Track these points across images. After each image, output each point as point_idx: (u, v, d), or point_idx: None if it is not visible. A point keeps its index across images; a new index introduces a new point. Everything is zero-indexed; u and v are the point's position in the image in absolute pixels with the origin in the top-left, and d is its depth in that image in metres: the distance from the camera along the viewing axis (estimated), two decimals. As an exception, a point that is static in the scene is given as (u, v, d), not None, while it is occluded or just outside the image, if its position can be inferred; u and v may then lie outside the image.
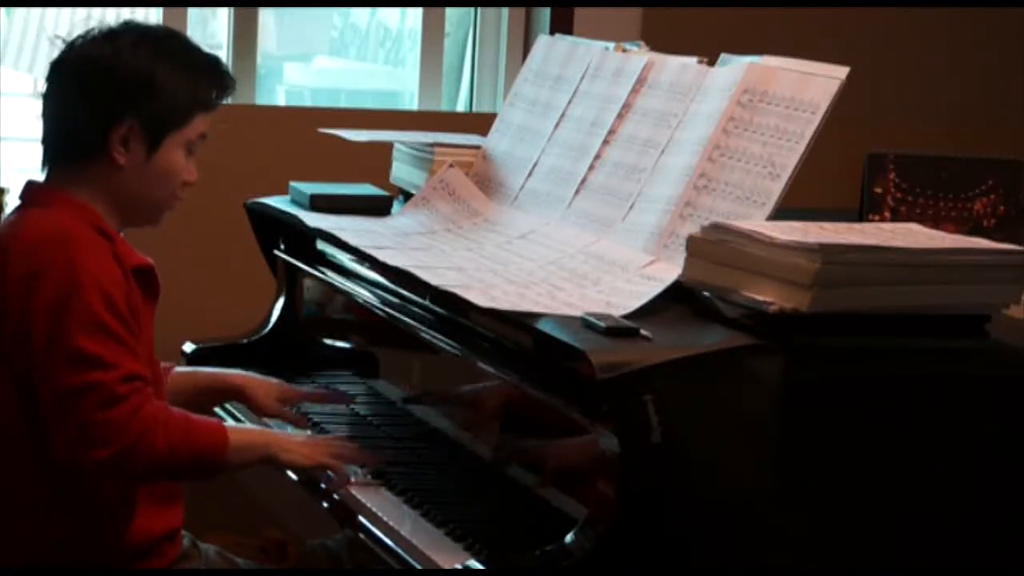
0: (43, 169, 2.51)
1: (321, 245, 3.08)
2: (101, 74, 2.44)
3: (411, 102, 4.33)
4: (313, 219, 3.00)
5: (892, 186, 3.53)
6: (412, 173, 3.18)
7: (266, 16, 4.20)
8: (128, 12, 3.83)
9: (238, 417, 2.88)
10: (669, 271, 2.44)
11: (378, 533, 2.42)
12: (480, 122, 3.37)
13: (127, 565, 2.48)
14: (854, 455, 2.24)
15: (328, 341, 3.21)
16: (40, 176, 2.52)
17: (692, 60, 2.77)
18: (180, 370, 2.79)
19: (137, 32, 2.48)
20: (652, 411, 2.13)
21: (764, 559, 2.20)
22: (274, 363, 3.14)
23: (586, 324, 2.27)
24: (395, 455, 2.66)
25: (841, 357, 2.25)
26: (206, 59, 2.52)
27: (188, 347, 3.20)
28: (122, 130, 2.43)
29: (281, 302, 3.26)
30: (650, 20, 4.22)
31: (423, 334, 2.64)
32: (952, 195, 3.54)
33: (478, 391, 2.59)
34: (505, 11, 4.29)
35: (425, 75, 4.28)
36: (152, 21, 3.65)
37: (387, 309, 2.78)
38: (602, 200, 2.74)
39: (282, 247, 3.23)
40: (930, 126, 4.47)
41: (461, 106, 4.38)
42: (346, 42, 4.57)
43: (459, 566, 2.22)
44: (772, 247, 2.22)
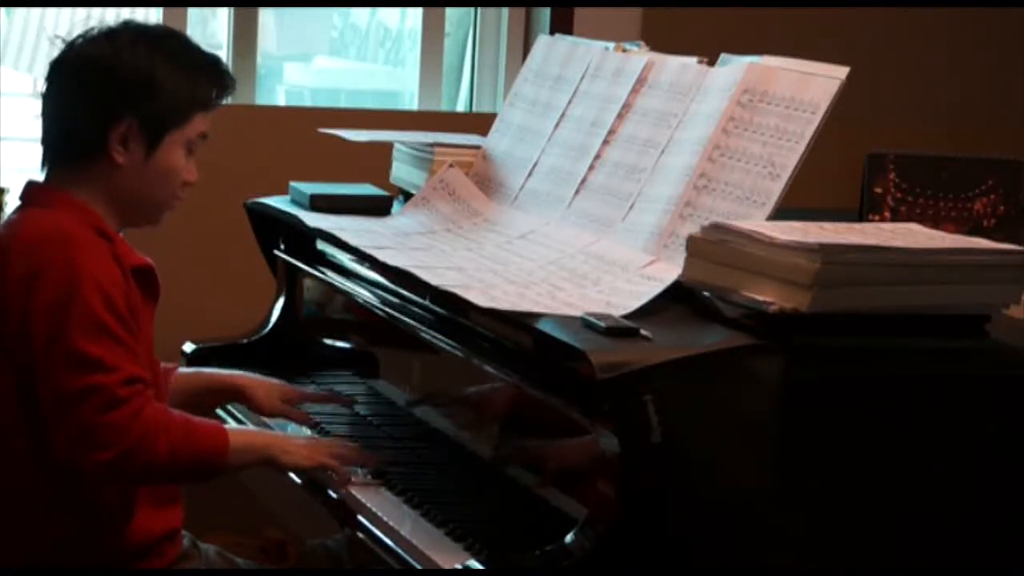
0: (43, 169, 2.51)
1: (321, 245, 3.08)
2: (100, 74, 2.44)
3: (411, 102, 4.32)
4: (313, 219, 3.00)
5: (892, 186, 3.52)
6: (412, 173, 3.18)
7: (266, 16, 4.20)
8: (128, 12, 3.83)
9: (240, 418, 2.88)
10: (669, 271, 2.44)
11: (378, 533, 2.42)
12: (480, 122, 3.37)
13: (127, 565, 2.48)
14: (854, 455, 2.24)
15: (328, 341, 3.20)
16: (40, 176, 2.52)
17: (692, 60, 2.77)
18: (183, 371, 2.79)
19: (137, 31, 2.48)
20: (652, 411, 2.13)
21: (764, 559, 2.20)
22: (274, 363, 3.14)
23: (586, 324, 2.27)
24: (395, 455, 2.66)
25: (841, 357, 2.25)
26: (206, 58, 2.52)
27: (188, 347, 3.20)
28: (121, 129, 2.43)
29: (281, 302, 3.26)
30: (650, 20, 4.22)
31: (423, 334, 2.64)
32: (952, 195, 3.54)
33: (478, 391, 2.59)
34: (505, 11, 4.29)
35: (425, 75, 4.28)
36: (152, 21, 3.65)
37: (387, 309, 2.78)
38: (602, 200, 2.74)
39: (282, 247, 3.23)
40: (930, 126, 4.47)
41: (461, 106, 4.38)
42: (346, 42, 4.57)
43: (459, 566, 2.21)
44: (772, 247, 2.22)
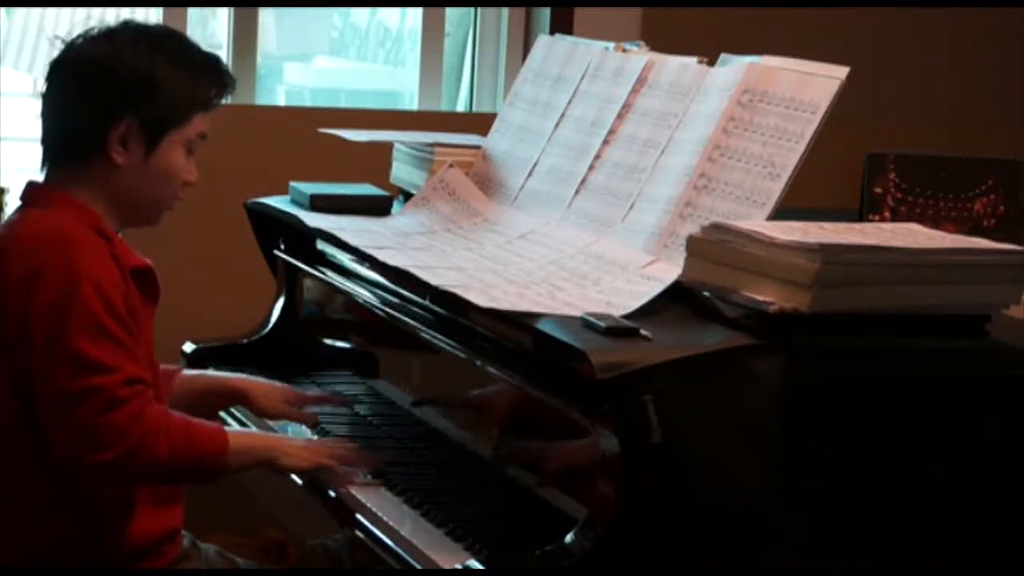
0: (42, 169, 2.51)
1: (321, 245, 3.08)
2: (100, 73, 2.44)
3: (411, 102, 4.32)
4: (313, 219, 3.00)
5: (892, 186, 3.52)
6: (412, 173, 3.18)
7: (266, 16, 4.20)
8: (128, 12, 3.83)
9: (243, 420, 2.88)
10: (669, 271, 2.44)
11: (378, 533, 2.42)
12: (480, 122, 3.37)
13: (127, 565, 2.48)
14: (854, 455, 2.24)
15: (328, 341, 3.20)
16: (40, 176, 2.52)
17: (692, 60, 2.77)
18: (186, 373, 2.79)
19: (136, 31, 2.48)
20: (652, 411, 2.13)
21: (764, 559, 2.20)
22: (274, 363, 3.14)
23: (586, 324, 2.27)
24: (395, 455, 2.66)
25: (841, 357, 2.25)
26: (205, 58, 2.51)
27: (188, 347, 3.20)
28: (120, 129, 2.43)
29: (281, 302, 3.26)
30: (650, 20, 4.22)
31: (423, 334, 2.64)
32: (952, 195, 3.54)
33: (478, 391, 2.59)
34: (505, 11, 4.29)
35: (425, 75, 4.28)
36: (152, 21, 3.64)
37: (387, 309, 2.78)
38: (602, 200, 2.74)
39: (282, 247, 3.23)
40: (930, 126, 4.47)
41: (461, 106, 4.38)
42: (346, 42, 4.57)
43: (459, 566, 2.21)
44: (772, 247, 2.22)
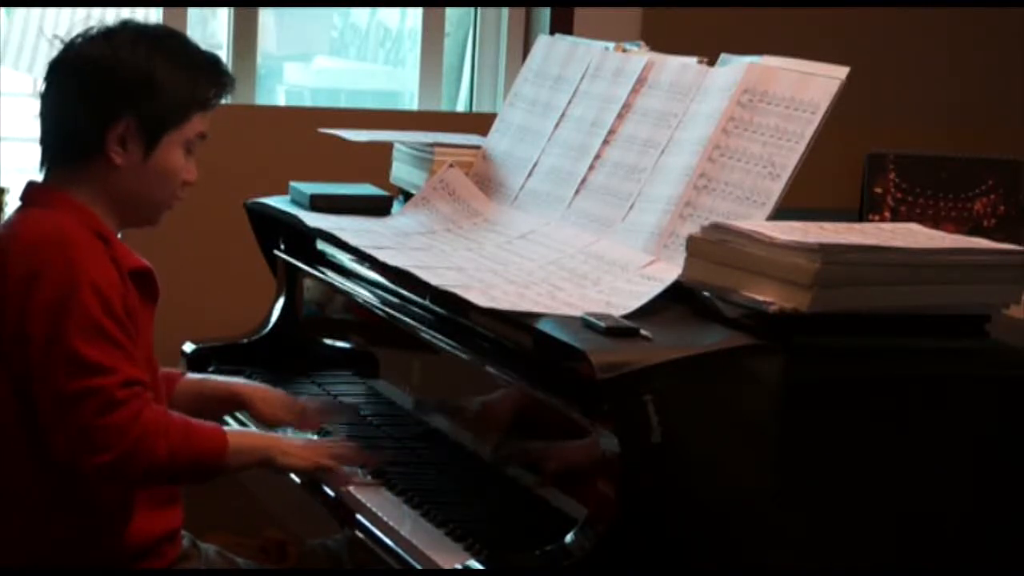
0: (42, 169, 2.51)
1: (321, 245, 3.08)
2: (99, 73, 2.43)
3: (411, 102, 4.32)
4: (313, 219, 2.99)
5: (892, 186, 3.53)
6: (412, 173, 3.17)
7: (266, 16, 4.20)
8: (128, 12, 3.83)
9: (243, 421, 2.87)
10: (669, 271, 2.44)
11: (378, 533, 2.42)
12: (480, 122, 3.37)
13: (127, 566, 2.48)
14: (854, 455, 2.24)
15: (328, 341, 3.20)
16: (39, 176, 2.52)
17: (692, 60, 2.77)
18: (189, 377, 2.78)
19: (136, 31, 2.48)
20: (652, 411, 2.13)
21: (764, 559, 2.20)
22: (274, 363, 3.14)
23: (586, 324, 2.27)
24: (395, 455, 2.66)
25: (841, 357, 2.25)
26: (205, 58, 2.51)
27: (188, 347, 3.20)
28: (119, 130, 2.43)
29: (281, 302, 3.26)
30: (650, 20, 4.22)
31: (423, 334, 2.64)
32: (952, 195, 3.54)
33: (478, 391, 2.59)
34: (505, 11, 4.29)
35: (425, 75, 4.27)
36: (152, 21, 3.64)
37: (387, 309, 2.78)
38: (602, 200, 2.74)
39: (282, 247, 3.23)
40: (930, 126, 4.47)
41: (461, 106, 4.38)
42: (346, 42, 4.57)
43: (459, 566, 2.21)
44: (772, 247, 2.22)
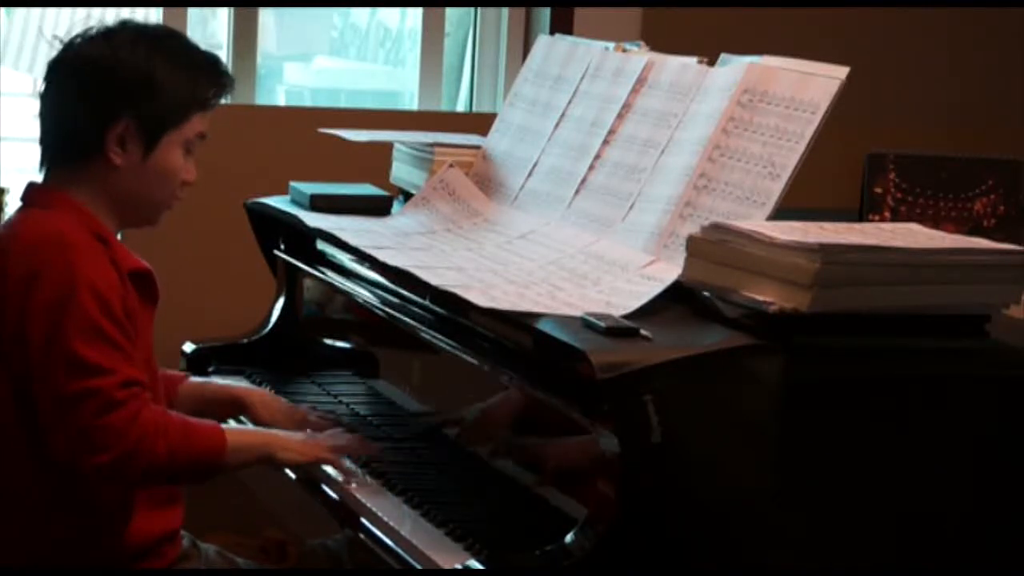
0: (41, 169, 2.51)
1: (321, 245, 3.08)
2: (98, 73, 2.43)
3: (411, 102, 4.32)
4: (313, 219, 2.99)
5: (892, 186, 3.53)
6: (412, 173, 3.17)
7: (266, 16, 4.20)
8: (128, 12, 3.83)
9: (242, 420, 2.87)
10: (669, 271, 2.44)
11: (378, 533, 2.42)
12: (480, 122, 3.37)
13: (127, 566, 2.48)
14: (854, 455, 2.24)
15: (328, 341, 3.20)
16: (38, 176, 2.52)
17: (692, 60, 2.77)
18: (192, 381, 2.79)
19: (135, 31, 2.48)
20: (652, 411, 2.13)
21: (764, 559, 2.20)
22: (274, 363, 3.14)
23: (586, 324, 2.27)
24: (395, 455, 2.66)
25: (841, 357, 2.25)
26: (204, 58, 2.51)
27: (188, 347, 3.20)
28: (118, 130, 2.43)
29: (281, 302, 3.26)
30: (650, 20, 4.22)
31: (423, 334, 2.64)
32: (952, 195, 3.54)
33: (478, 391, 2.59)
34: (505, 11, 4.29)
35: (425, 75, 4.27)
36: (152, 21, 3.64)
37: (387, 309, 2.78)
38: (602, 200, 2.74)
39: (282, 247, 3.23)
40: (930, 126, 4.47)
41: (461, 106, 4.38)
42: (346, 42, 4.57)
43: (459, 566, 2.21)
44: (772, 247, 2.22)
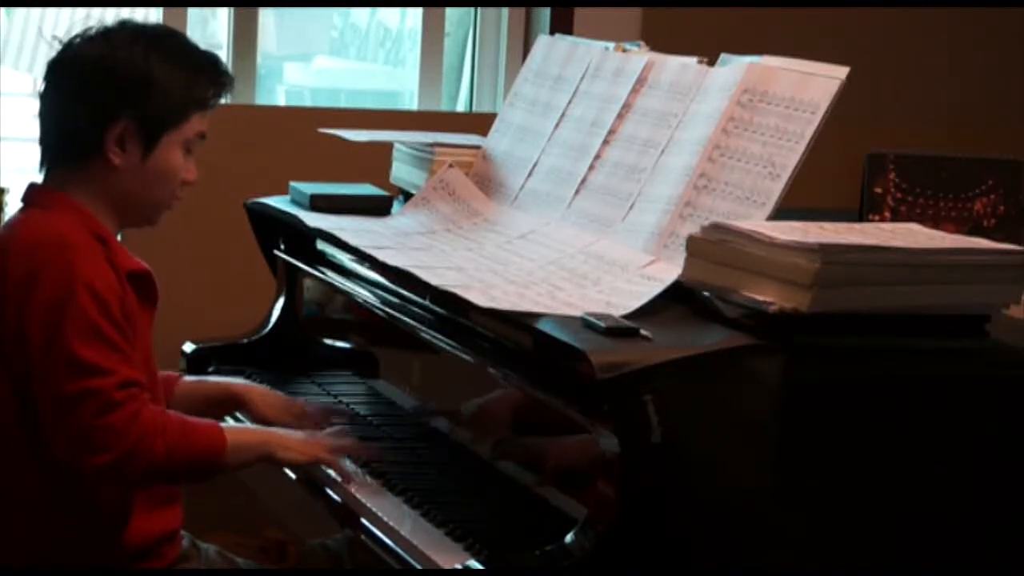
0: (41, 169, 2.51)
1: (321, 245, 3.08)
2: (97, 74, 2.43)
3: (411, 102, 4.32)
4: (313, 219, 2.99)
5: (892, 186, 3.53)
6: (412, 173, 3.17)
7: (266, 16, 4.20)
8: (128, 12, 3.83)
9: (241, 419, 2.87)
10: (669, 271, 2.44)
11: (378, 533, 2.42)
12: (480, 122, 3.37)
13: (126, 566, 2.48)
14: (854, 455, 2.24)
15: (328, 341, 3.20)
16: (38, 176, 2.52)
17: (692, 60, 2.77)
18: (186, 380, 2.78)
19: (134, 31, 2.47)
20: (652, 411, 2.13)
21: (764, 559, 2.20)
22: (274, 363, 3.14)
23: (586, 324, 2.27)
24: (395, 455, 2.66)
25: (841, 357, 2.25)
26: (204, 57, 2.51)
27: (188, 347, 3.20)
28: (117, 130, 2.43)
29: (281, 302, 3.26)
30: (650, 20, 4.22)
31: (423, 334, 2.64)
32: (952, 195, 3.54)
33: (478, 391, 2.59)
34: (505, 11, 4.29)
35: (425, 75, 4.27)
36: (152, 21, 3.64)
37: (387, 309, 2.78)
38: (602, 200, 2.74)
39: (282, 247, 3.23)
40: (930, 126, 4.47)
41: (461, 106, 4.38)
42: (346, 42, 4.57)
43: (459, 566, 2.21)
44: (772, 247, 2.22)
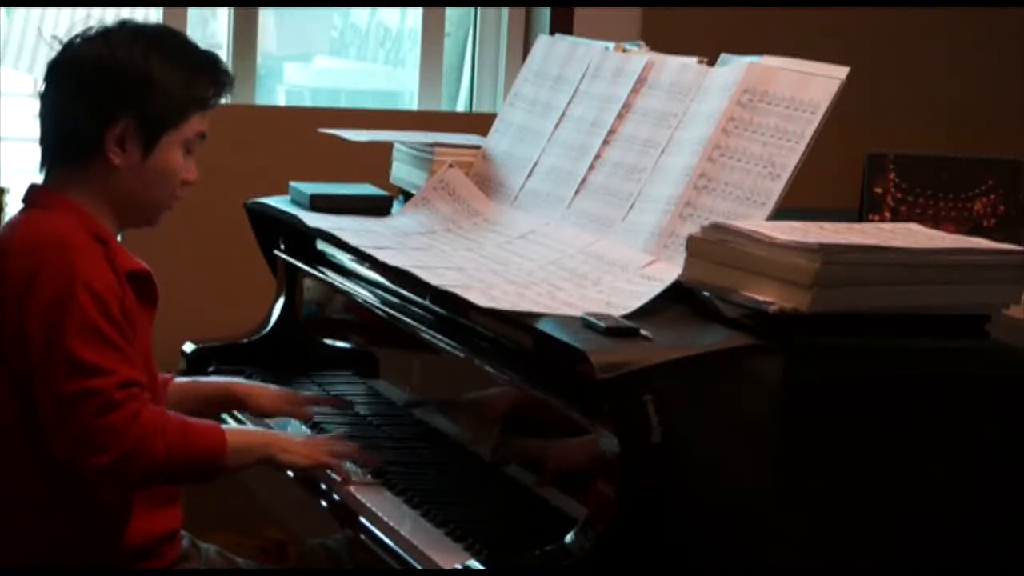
0: (41, 169, 2.51)
1: (321, 245, 3.08)
2: (97, 74, 2.43)
3: (411, 102, 4.32)
4: (313, 219, 2.99)
5: (892, 186, 3.53)
6: (412, 173, 3.17)
7: (266, 16, 4.20)
8: (128, 12, 3.83)
9: (241, 419, 2.87)
10: (669, 271, 2.44)
11: (378, 533, 2.42)
12: (480, 122, 3.37)
13: (126, 566, 2.48)
14: (854, 455, 2.24)
15: (328, 341, 3.20)
16: (39, 176, 2.52)
17: (692, 60, 2.77)
18: (179, 381, 2.77)
19: (134, 31, 2.47)
20: (652, 411, 2.13)
21: (764, 559, 2.20)
22: (274, 363, 3.14)
23: (586, 324, 2.27)
24: (395, 455, 2.66)
25: (841, 357, 2.25)
26: (203, 57, 2.51)
27: (188, 347, 3.20)
28: (117, 130, 2.42)
29: (281, 302, 3.26)
30: (650, 20, 4.22)
31: (423, 334, 2.64)
32: (952, 195, 3.54)
33: (478, 391, 2.59)
34: (505, 11, 4.29)
35: (425, 75, 4.28)
36: (152, 21, 3.64)
37: (387, 309, 2.78)
38: (602, 200, 2.74)
39: (282, 247, 3.23)
40: (930, 126, 4.47)
41: (461, 106, 4.38)
42: (346, 42, 4.57)
43: (459, 566, 2.21)
44: (772, 247, 2.22)
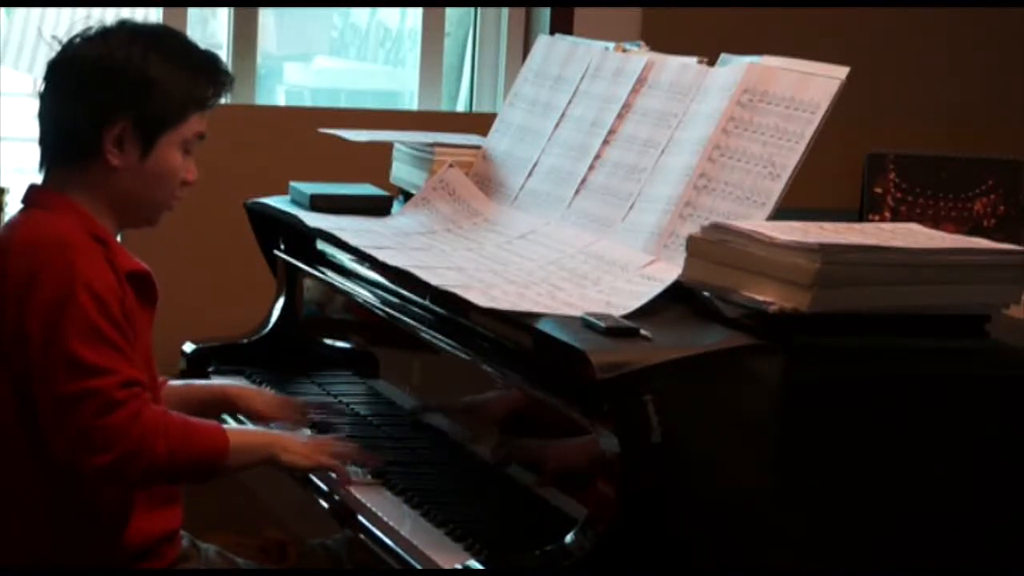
0: (41, 169, 2.51)
1: (321, 245, 3.08)
2: (96, 74, 2.43)
3: (411, 102, 4.32)
4: (313, 219, 3.00)
5: (892, 186, 3.53)
6: (412, 173, 3.18)
7: (266, 16, 4.20)
8: (128, 12, 3.83)
9: (242, 420, 2.87)
10: (669, 271, 2.44)
11: (378, 533, 2.42)
12: (480, 122, 3.37)
13: (126, 566, 2.48)
14: (854, 455, 2.24)
15: (328, 341, 3.20)
16: (38, 176, 2.52)
17: (692, 60, 2.77)
18: (173, 384, 2.76)
19: (132, 31, 2.47)
20: (652, 411, 2.13)
21: (764, 559, 2.20)
22: (274, 363, 3.14)
23: (586, 324, 2.27)
24: (395, 455, 2.66)
25: (841, 357, 2.25)
26: (203, 57, 2.50)
27: (188, 347, 3.20)
28: (115, 131, 2.42)
29: (281, 302, 3.26)
30: (650, 20, 4.22)
31: (423, 334, 2.64)
32: (952, 195, 3.54)
33: (478, 391, 2.59)
34: (505, 11, 4.29)
35: (425, 75, 4.28)
36: (152, 21, 3.64)
37: (387, 309, 2.78)
38: (602, 200, 2.74)
39: (282, 247, 3.23)
40: (930, 126, 4.47)
41: (461, 106, 4.38)
42: (346, 42, 4.57)
43: (459, 566, 2.21)
44: (772, 247, 2.22)
